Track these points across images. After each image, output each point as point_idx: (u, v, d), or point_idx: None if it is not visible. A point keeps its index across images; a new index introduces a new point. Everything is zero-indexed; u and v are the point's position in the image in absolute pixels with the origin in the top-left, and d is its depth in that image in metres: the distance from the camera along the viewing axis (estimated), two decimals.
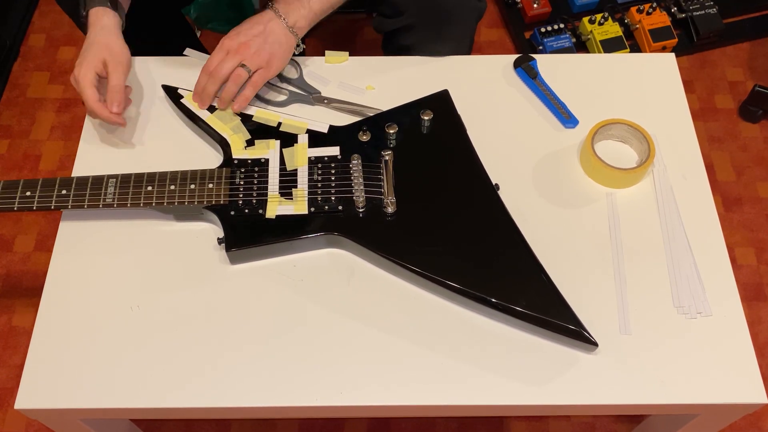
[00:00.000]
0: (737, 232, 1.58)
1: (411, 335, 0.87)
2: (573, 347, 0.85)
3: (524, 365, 0.85)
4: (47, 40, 1.88)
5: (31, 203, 0.91)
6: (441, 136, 0.98)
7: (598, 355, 0.85)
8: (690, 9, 1.81)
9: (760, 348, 1.43)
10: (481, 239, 0.89)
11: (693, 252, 0.92)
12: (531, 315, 0.83)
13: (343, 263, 0.92)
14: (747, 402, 0.83)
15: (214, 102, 1.01)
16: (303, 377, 0.84)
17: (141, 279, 0.91)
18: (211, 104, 1.01)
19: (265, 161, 0.96)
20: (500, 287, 0.85)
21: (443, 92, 1.02)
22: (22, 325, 1.45)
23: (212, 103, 1.01)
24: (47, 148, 1.69)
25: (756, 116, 1.72)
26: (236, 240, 0.89)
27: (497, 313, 0.85)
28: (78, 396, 0.83)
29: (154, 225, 0.95)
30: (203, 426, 1.34)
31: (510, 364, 0.85)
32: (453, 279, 0.86)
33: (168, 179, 0.93)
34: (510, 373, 0.84)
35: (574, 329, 0.83)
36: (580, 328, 0.83)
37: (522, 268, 0.87)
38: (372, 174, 0.94)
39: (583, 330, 0.83)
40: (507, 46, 1.88)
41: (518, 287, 0.85)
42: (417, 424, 1.34)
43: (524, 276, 0.86)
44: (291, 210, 0.92)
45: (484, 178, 0.94)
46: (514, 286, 0.85)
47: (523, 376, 0.84)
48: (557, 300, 0.84)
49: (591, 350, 0.84)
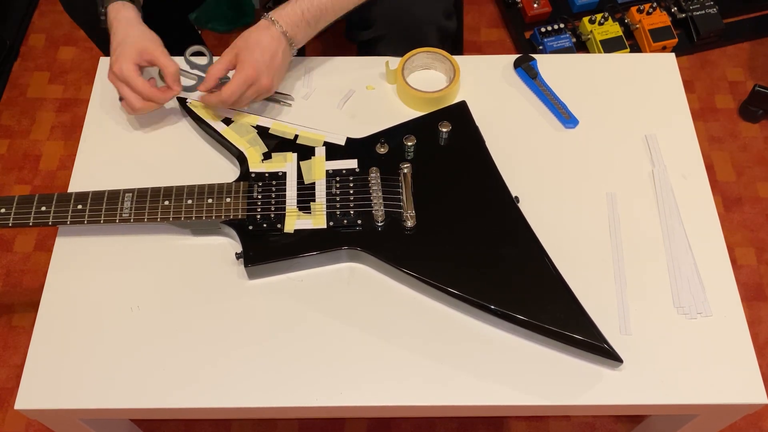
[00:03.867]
0: (737, 232, 1.58)
1: (411, 336, 0.87)
2: (587, 360, 0.85)
3: (524, 366, 0.85)
4: (47, 40, 1.88)
5: (46, 219, 0.90)
6: (459, 147, 0.97)
7: None
8: (690, 9, 1.81)
9: (760, 348, 1.43)
10: (503, 254, 0.88)
11: (693, 252, 0.92)
12: (556, 332, 0.82)
13: (342, 264, 0.92)
14: (747, 402, 0.83)
15: (227, 113, 1.01)
16: (303, 377, 0.84)
17: (140, 280, 0.91)
18: (227, 117, 1.01)
19: (283, 174, 0.95)
20: (524, 303, 0.84)
21: (461, 103, 1.01)
22: (22, 325, 1.45)
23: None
24: (47, 148, 1.69)
25: (756, 116, 1.72)
26: (255, 255, 0.88)
27: (506, 323, 0.85)
28: (78, 396, 0.83)
29: (151, 233, 0.95)
30: (203, 426, 1.34)
31: (510, 365, 0.85)
32: (477, 296, 0.84)
33: (185, 193, 0.92)
34: (510, 373, 0.84)
35: (599, 345, 0.82)
36: (605, 345, 0.82)
37: (546, 284, 0.86)
38: (390, 187, 0.93)
39: (608, 346, 0.82)
40: (507, 46, 1.88)
41: (542, 304, 0.84)
42: (417, 424, 1.34)
43: (548, 293, 0.85)
44: (309, 224, 0.91)
45: (504, 191, 0.93)
46: (538, 302, 0.84)
47: (523, 376, 0.84)
48: (582, 316, 0.83)
49: (615, 366, 0.84)
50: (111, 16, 0.99)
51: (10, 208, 0.90)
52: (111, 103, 1.06)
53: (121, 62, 0.95)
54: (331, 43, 1.83)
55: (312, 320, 0.88)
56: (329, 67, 1.11)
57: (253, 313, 0.88)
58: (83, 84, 1.80)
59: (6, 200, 0.91)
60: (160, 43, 0.99)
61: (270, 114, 1.05)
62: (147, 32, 0.98)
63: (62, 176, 1.65)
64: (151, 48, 0.97)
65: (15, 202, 0.91)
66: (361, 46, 1.19)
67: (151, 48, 0.97)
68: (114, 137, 1.03)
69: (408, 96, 1.04)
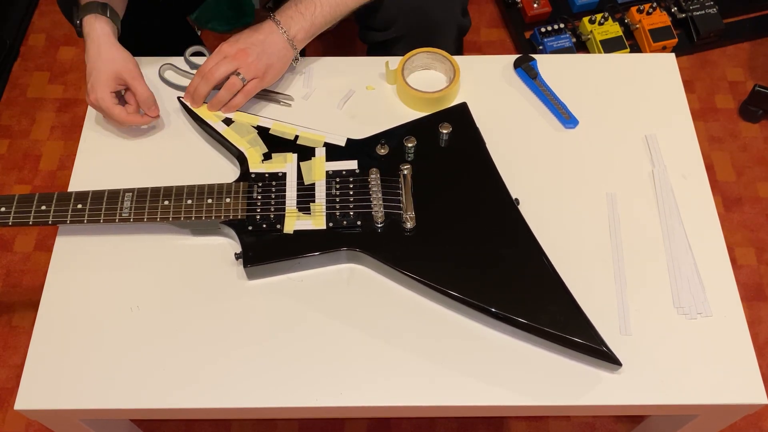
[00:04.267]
0: (737, 232, 1.58)
1: (410, 336, 0.87)
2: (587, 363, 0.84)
3: (524, 366, 0.85)
4: (47, 40, 1.88)
5: (46, 218, 0.90)
6: (460, 149, 0.97)
7: None
8: (690, 9, 1.81)
9: (760, 348, 1.43)
10: (502, 256, 0.88)
11: (693, 252, 0.92)
12: (555, 334, 0.83)
13: (342, 264, 0.92)
14: (747, 402, 0.83)
15: (222, 111, 1.01)
16: (303, 377, 0.84)
17: (140, 280, 0.91)
18: (228, 117, 1.01)
19: (283, 175, 0.95)
20: (523, 306, 0.84)
21: (462, 105, 1.01)
22: (22, 325, 1.45)
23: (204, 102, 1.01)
24: (47, 148, 1.69)
25: (756, 116, 1.72)
26: (254, 256, 0.88)
27: (505, 325, 0.85)
28: (78, 396, 0.83)
29: (153, 233, 0.95)
30: (203, 426, 1.34)
31: (509, 366, 0.85)
32: (476, 298, 0.84)
33: (185, 193, 0.92)
34: (510, 373, 0.84)
35: (598, 348, 0.82)
36: (603, 347, 0.82)
37: (545, 286, 0.86)
38: (390, 188, 0.93)
39: (607, 349, 0.82)
40: (507, 46, 1.88)
41: (542, 306, 0.84)
42: (417, 424, 1.34)
43: (548, 295, 0.85)
44: (309, 225, 0.91)
45: (504, 193, 0.93)
46: (537, 305, 0.84)
47: (523, 377, 0.84)
48: (581, 319, 0.83)
49: (614, 369, 0.84)
50: (85, 30, 0.99)
51: (10, 207, 0.90)
52: None
53: (97, 91, 0.97)
54: (332, 43, 1.83)
55: (312, 320, 0.88)
56: (329, 67, 1.11)
57: (252, 313, 0.88)
58: (83, 84, 1.78)
59: (6, 199, 0.91)
60: (135, 65, 0.99)
61: (270, 114, 1.05)
62: (119, 53, 0.98)
63: (62, 176, 1.65)
64: (125, 74, 0.98)
65: (15, 201, 0.91)
66: (374, 48, 1.18)
67: (124, 74, 0.98)
68: (114, 137, 1.03)
69: (408, 96, 1.04)
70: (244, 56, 0.98)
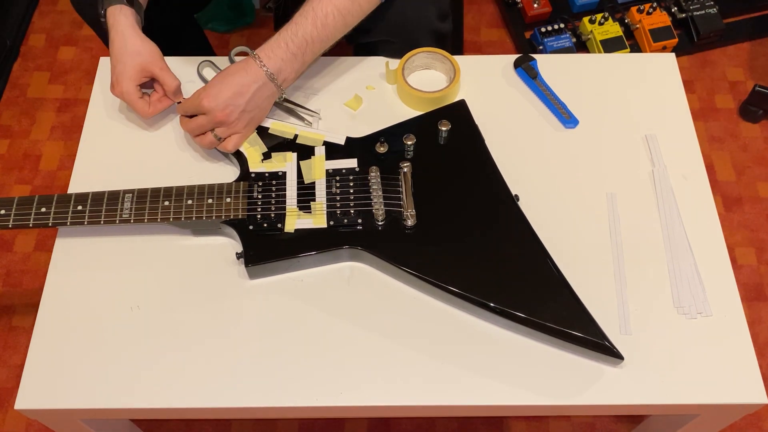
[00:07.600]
0: (737, 232, 1.58)
1: (411, 335, 0.87)
2: (588, 357, 0.85)
3: (524, 366, 0.85)
4: (47, 40, 1.88)
5: (46, 220, 0.90)
6: (459, 146, 0.97)
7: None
8: (690, 9, 1.81)
9: (760, 348, 1.43)
10: (503, 252, 0.88)
11: (693, 252, 0.92)
12: (557, 329, 0.83)
13: (343, 263, 0.92)
14: (747, 402, 0.83)
15: None
16: (303, 377, 0.84)
17: (140, 280, 0.91)
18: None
19: (283, 174, 0.95)
20: (525, 301, 0.84)
21: (460, 102, 1.01)
22: (22, 326, 1.45)
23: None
24: (47, 148, 1.69)
25: (756, 116, 1.72)
26: (255, 255, 0.88)
27: (507, 321, 0.85)
28: (78, 396, 0.83)
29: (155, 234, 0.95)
30: (203, 426, 1.34)
31: (510, 365, 0.85)
32: (478, 294, 0.85)
33: (185, 194, 0.92)
34: (510, 373, 0.84)
35: (600, 343, 0.82)
36: (605, 342, 0.82)
37: (546, 281, 0.86)
38: (391, 186, 0.93)
39: (609, 343, 0.82)
40: (507, 46, 1.88)
41: (543, 301, 0.84)
42: (417, 424, 1.34)
43: (549, 290, 0.85)
44: (310, 224, 0.91)
45: (504, 189, 0.93)
46: (539, 300, 0.84)
47: (524, 376, 0.84)
48: (582, 313, 0.83)
49: (616, 363, 0.84)
50: (109, 21, 0.98)
51: (9, 210, 0.90)
52: (111, 103, 1.06)
53: (122, 84, 0.97)
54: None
55: (312, 320, 0.88)
56: (329, 67, 1.11)
57: (253, 313, 0.88)
58: (83, 84, 1.80)
59: (6, 201, 0.91)
60: (160, 57, 0.99)
61: (270, 115, 1.04)
62: (145, 45, 0.97)
63: (62, 176, 1.65)
64: (151, 65, 0.97)
65: (15, 204, 0.91)
66: (359, 49, 1.18)
67: (150, 65, 0.97)
68: (114, 137, 1.03)
69: (408, 96, 1.04)
70: (225, 118, 0.93)
